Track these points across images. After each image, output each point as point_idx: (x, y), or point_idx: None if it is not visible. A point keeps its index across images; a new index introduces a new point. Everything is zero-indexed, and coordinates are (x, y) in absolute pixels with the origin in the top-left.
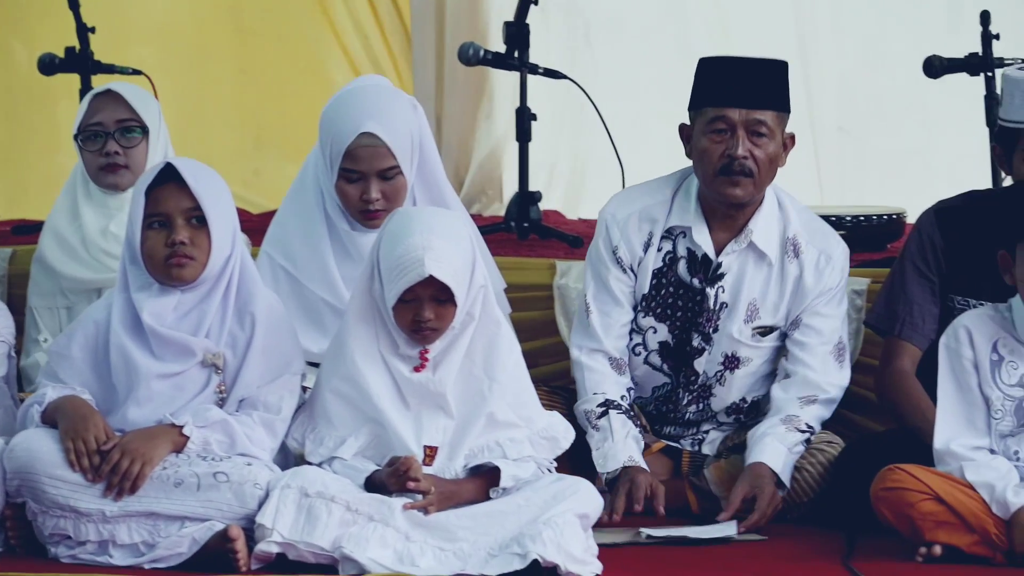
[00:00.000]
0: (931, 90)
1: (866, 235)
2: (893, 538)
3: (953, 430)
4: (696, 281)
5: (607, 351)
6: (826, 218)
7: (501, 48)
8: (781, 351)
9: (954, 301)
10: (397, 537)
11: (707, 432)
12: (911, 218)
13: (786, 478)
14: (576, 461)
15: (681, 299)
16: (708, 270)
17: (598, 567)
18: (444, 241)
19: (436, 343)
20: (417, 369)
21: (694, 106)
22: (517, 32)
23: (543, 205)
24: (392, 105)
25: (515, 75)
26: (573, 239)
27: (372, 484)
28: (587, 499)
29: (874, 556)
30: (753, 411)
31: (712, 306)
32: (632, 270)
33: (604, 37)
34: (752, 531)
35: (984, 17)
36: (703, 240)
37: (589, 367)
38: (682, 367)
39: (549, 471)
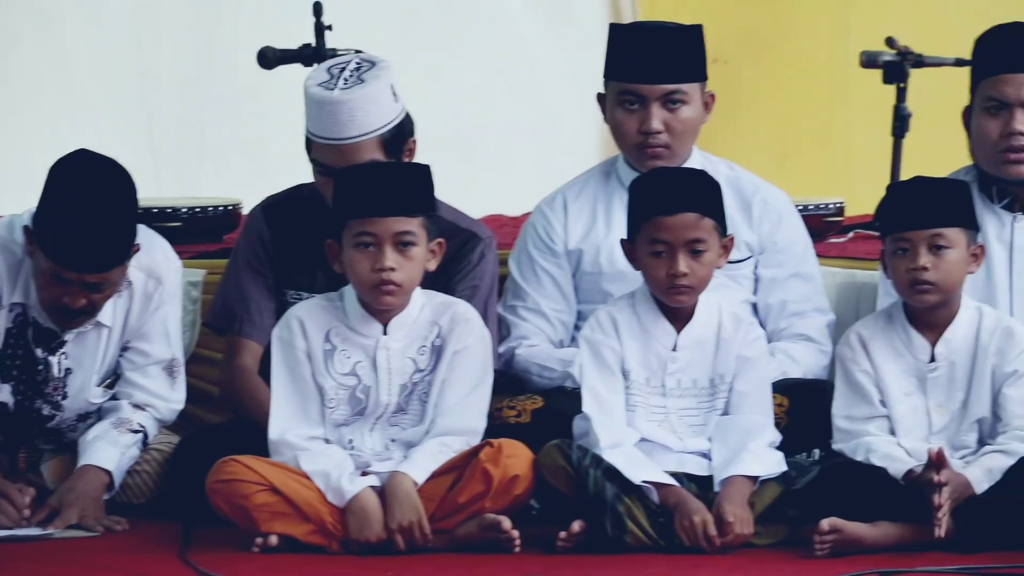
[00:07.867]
0: (266, 81)
1: (202, 227)
2: (232, 529)
3: (288, 420)
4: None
5: None
6: (161, 210)
7: None
8: None
9: (287, 295)
10: None
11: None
12: (246, 209)
13: (119, 478)
14: None
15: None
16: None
17: None
18: None
19: None
20: None
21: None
22: None
23: None
24: None
25: None
26: None
27: None
28: None
29: (212, 548)
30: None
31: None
32: None
33: None
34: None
35: (316, 8)
36: None
37: None
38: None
39: None
